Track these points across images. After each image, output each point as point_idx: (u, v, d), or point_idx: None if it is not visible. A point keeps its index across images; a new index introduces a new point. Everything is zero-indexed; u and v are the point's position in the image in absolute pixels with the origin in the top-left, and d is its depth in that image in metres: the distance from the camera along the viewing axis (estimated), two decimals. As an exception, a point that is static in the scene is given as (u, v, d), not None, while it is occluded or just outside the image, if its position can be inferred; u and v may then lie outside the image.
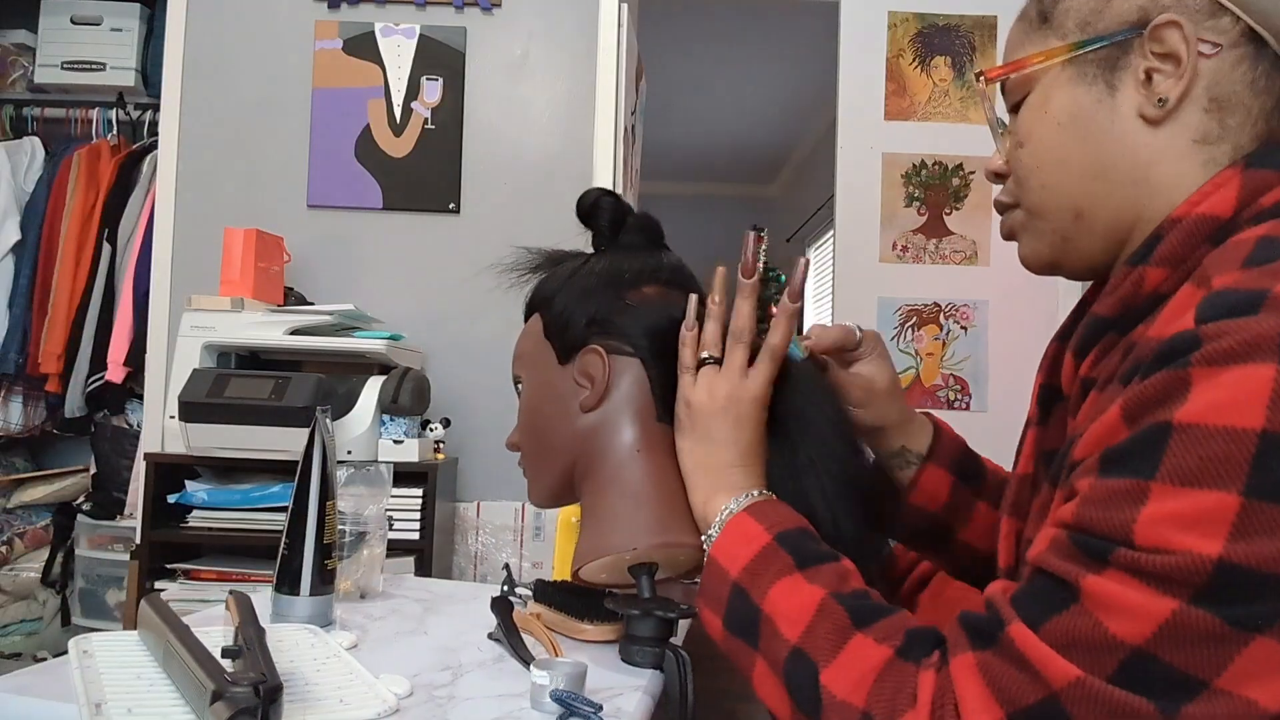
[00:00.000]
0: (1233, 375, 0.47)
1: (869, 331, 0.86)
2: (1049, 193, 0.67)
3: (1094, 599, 0.49)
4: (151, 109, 2.82)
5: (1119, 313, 0.61)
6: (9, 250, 2.76)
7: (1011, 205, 0.72)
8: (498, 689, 0.73)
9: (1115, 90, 0.63)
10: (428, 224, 2.50)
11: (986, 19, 2.69)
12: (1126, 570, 0.48)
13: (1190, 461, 0.47)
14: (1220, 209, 0.58)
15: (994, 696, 0.51)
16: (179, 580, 1.96)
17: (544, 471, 0.89)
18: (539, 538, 2.35)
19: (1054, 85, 0.66)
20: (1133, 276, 0.60)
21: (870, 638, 0.58)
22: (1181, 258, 0.58)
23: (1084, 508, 0.52)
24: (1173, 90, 0.60)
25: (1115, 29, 0.63)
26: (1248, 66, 0.60)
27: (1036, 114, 0.67)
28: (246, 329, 2.04)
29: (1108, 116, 0.63)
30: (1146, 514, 0.48)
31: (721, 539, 0.71)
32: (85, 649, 0.70)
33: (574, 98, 2.52)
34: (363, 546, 1.03)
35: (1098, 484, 0.52)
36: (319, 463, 0.86)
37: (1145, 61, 0.61)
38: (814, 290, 5.50)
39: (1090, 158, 0.64)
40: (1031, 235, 0.70)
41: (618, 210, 0.90)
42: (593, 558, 0.82)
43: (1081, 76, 0.64)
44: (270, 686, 0.55)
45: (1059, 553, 0.52)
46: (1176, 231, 0.59)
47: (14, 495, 2.77)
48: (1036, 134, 0.67)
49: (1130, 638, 0.47)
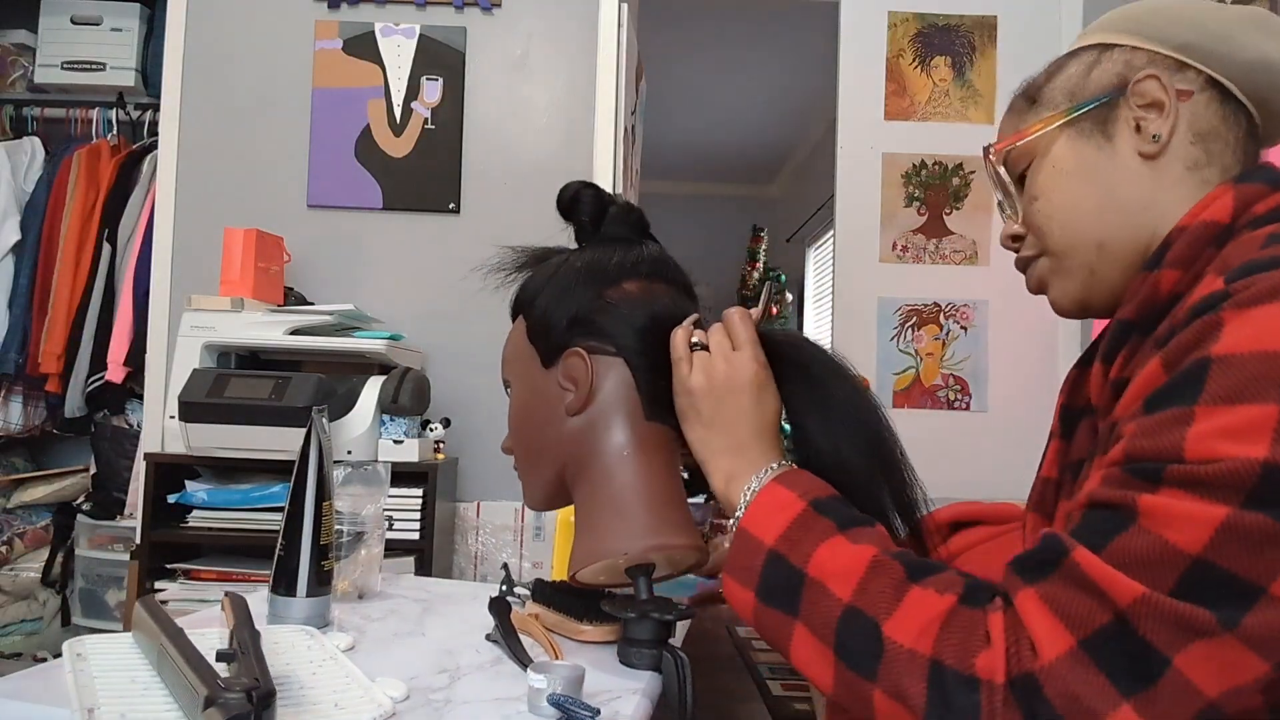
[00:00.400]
0: (1263, 311, 0.54)
1: None
2: (1070, 231, 0.75)
3: (1151, 515, 0.52)
4: (151, 109, 2.82)
5: (1140, 314, 0.67)
6: (9, 250, 2.75)
7: (1035, 257, 0.79)
8: (495, 692, 0.73)
9: (1112, 138, 0.73)
10: (428, 224, 2.50)
11: (986, 19, 2.69)
12: (1180, 483, 0.52)
13: (1230, 383, 0.52)
14: (1220, 215, 0.66)
15: (1063, 623, 0.52)
16: (179, 580, 1.95)
17: (536, 475, 0.89)
18: (539, 538, 2.34)
19: (1056, 146, 0.75)
20: (1149, 280, 0.67)
21: (930, 589, 0.59)
22: (1191, 259, 0.66)
23: (1132, 441, 0.56)
24: (1164, 128, 0.71)
25: (1101, 93, 0.74)
26: (1217, 105, 0.72)
27: (1045, 171, 0.76)
28: (246, 329, 2.04)
29: (1109, 159, 0.73)
30: (1194, 432, 0.52)
31: (752, 510, 0.71)
32: (79, 652, 0.70)
33: (574, 98, 2.51)
34: (360, 546, 1.03)
35: (1144, 421, 0.56)
36: (315, 463, 0.86)
37: (1133, 113, 0.72)
38: (814, 290, 5.50)
39: (1101, 194, 0.73)
40: (1060, 276, 0.77)
41: (598, 202, 0.90)
42: (587, 563, 0.82)
43: (1080, 133, 0.74)
44: (263, 692, 0.55)
45: (1111, 483, 0.55)
46: (1184, 237, 0.67)
47: (14, 495, 2.77)
48: (1048, 186, 0.76)
49: (1188, 546, 0.50)
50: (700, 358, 0.79)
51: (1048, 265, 0.78)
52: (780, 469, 0.74)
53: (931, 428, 2.65)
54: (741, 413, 0.77)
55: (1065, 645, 0.52)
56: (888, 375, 2.67)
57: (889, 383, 2.67)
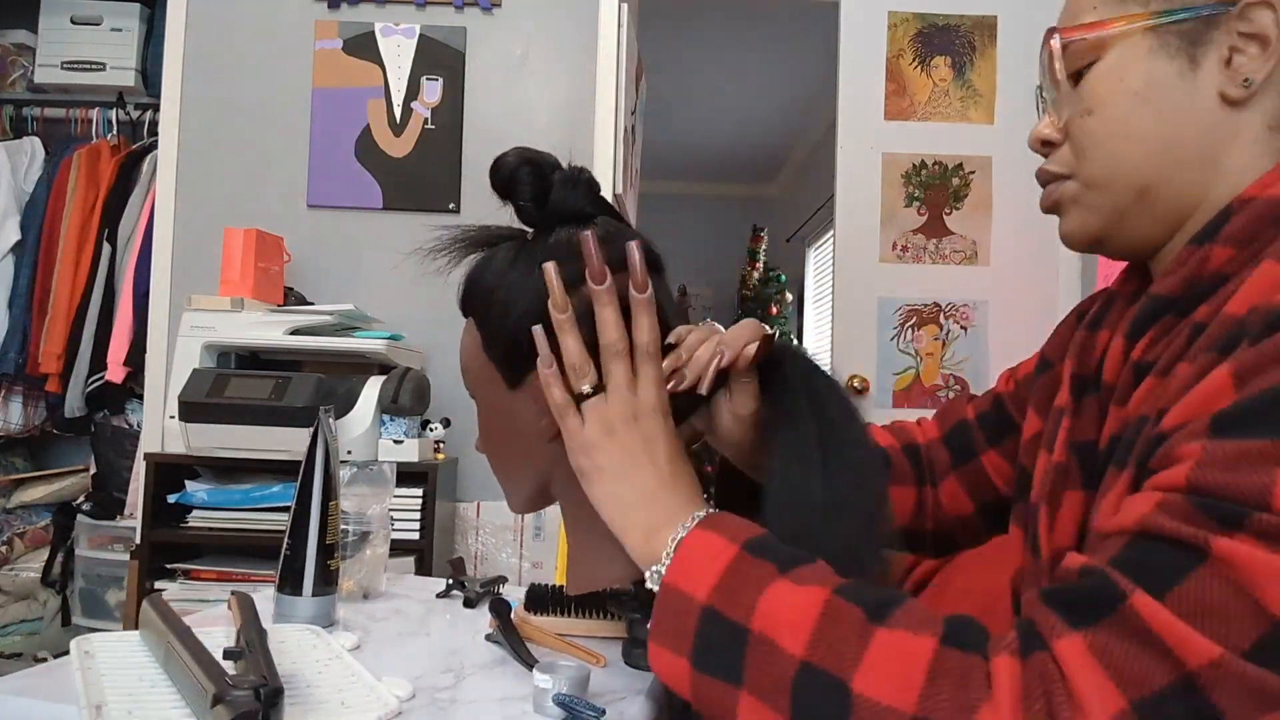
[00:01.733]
0: None
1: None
2: (1115, 164, 0.64)
3: (1228, 561, 0.44)
4: (151, 109, 2.82)
5: (1181, 292, 0.59)
6: (9, 250, 2.75)
7: (1063, 176, 0.68)
8: (500, 692, 0.73)
9: (1198, 66, 0.61)
10: (428, 224, 2.49)
11: (986, 19, 2.69)
12: (1265, 535, 0.44)
13: None
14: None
15: (1114, 681, 0.44)
16: (179, 580, 1.96)
17: (515, 486, 0.84)
18: (539, 538, 2.34)
19: (1133, 53, 0.63)
20: (1198, 255, 0.59)
21: (900, 630, 0.50)
22: (1250, 237, 0.57)
23: (1201, 471, 0.47)
24: (1259, 72, 0.59)
25: (1203, 2, 0.60)
26: None
27: (1110, 82, 0.63)
28: (246, 329, 2.04)
29: (1187, 93, 0.61)
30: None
31: (677, 562, 0.59)
32: (87, 649, 0.70)
33: (574, 98, 2.52)
34: (366, 546, 1.03)
35: (1214, 446, 0.47)
36: (322, 463, 0.86)
37: (1230, 39, 0.60)
38: (814, 290, 5.51)
39: (1165, 133, 0.62)
40: (1083, 208, 0.67)
41: (540, 180, 0.77)
42: (585, 589, 0.79)
43: (1164, 47, 0.62)
44: (271, 689, 0.55)
45: (1175, 515, 0.47)
46: (1248, 211, 0.58)
47: (14, 495, 2.77)
48: (1110, 103, 0.63)
49: (1272, 605, 0.43)
50: (592, 407, 0.66)
51: (1074, 190, 0.67)
52: (706, 515, 0.62)
53: (931, 428, 2.65)
54: (651, 462, 0.64)
55: (1115, 707, 0.43)
56: (888, 375, 2.67)
57: (889, 383, 2.67)
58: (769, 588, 0.54)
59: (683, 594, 0.57)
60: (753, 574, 0.56)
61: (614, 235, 0.77)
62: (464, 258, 0.81)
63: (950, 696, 0.46)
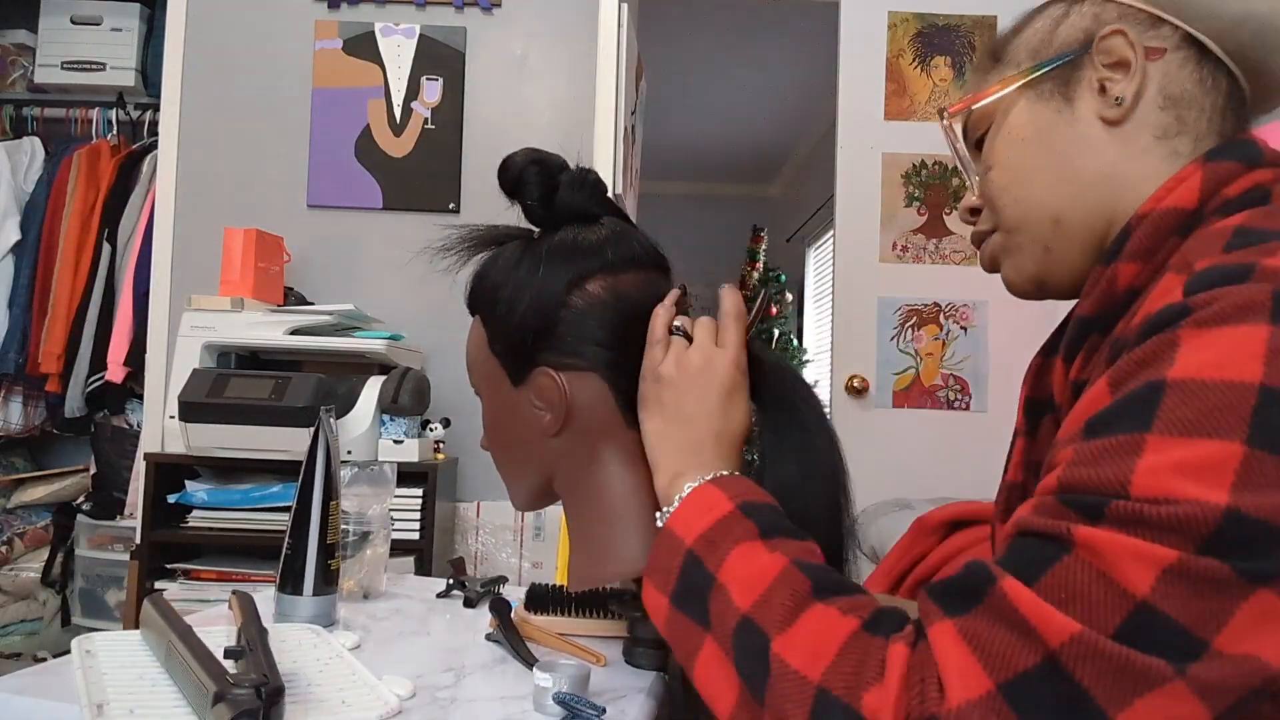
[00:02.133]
0: (1226, 334, 0.47)
1: None
2: (1023, 204, 0.69)
3: (1091, 549, 0.45)
4: (151, 109, 2.82)
5: (1097, 311, 0.62)
6: (9, 250, 2.75)
7: (989, 231, 0.73)
8: (500, 691, 0.73)
9: (1073, 101, 0.67)
10: (428, 224, 2.50)
11: (986, 19, 2.69)
12: (1124, 522, 0.45)
13: (1188, 413, 0.46)
14: (1185, 201, 0.60)
15: (981, 664, 0.45)
16: (179, 580, 1.96)
17: (519, 482, 0.85)
18: (539, 538, 2.34)
19: (1013, 109, 0.69)
20: (1106, 274, 0.62)
21: (834, 608, 0.52)
22: (1152, 251, 0.60)
23: (1069, 470, 0.49)
24: (1128, 89, 0.64)
25: (1065, 50, 0.67)
26: (1194, 66, 0.64)
27: (1000, 138, 0.70)
28: (246, 329, 2.04)
29: (1069, 124, 0.67)
30: (1145, 465, 0.46)
31: (680, 508, 0.65)
32: (88, 649, 0.70)
33: (574, 98, 2.52)
34: (366, 546, 1.03)
35: (1083, 447, 0.49)
36: (322, 463, 0.86)
37: (1097, 73, 0.65)
38: (814, 290, 5.51)
39: (1058, 163, 0.67)
40: (1013, 253, 0.71)
41: (547, 180, 0.80)
42: (587, 586, 0.80)
43: (1039, 96, 0.68)
44: (272, 688, 0.55)
45: (1043, 512, 0.49)
46: (1145, 226, 0.61)
47: (14, 495, 2.77)
48: (1003, 154, 0.70)
49: (1134, 586, 0.44)
50: (677, 345, 0.72)
51: (999, 240, 0.72)
52: (726, 475, 0.67)
53: (931, 428, 2.66)
54: (706, 413, 0.69)
55: (981, 689, 0.44)
56: (888, 375, 2.68)
57: (889, 383, 2.67)
58: (743, 544, 0.59)
59: (676, 537, 0.63)
60: (735, 530, 0.60)
61: (621, 235, 0.79)
62: (471, 257, 0.83)
63: (849, 673, 0.48)
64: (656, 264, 0.81)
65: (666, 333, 0.73)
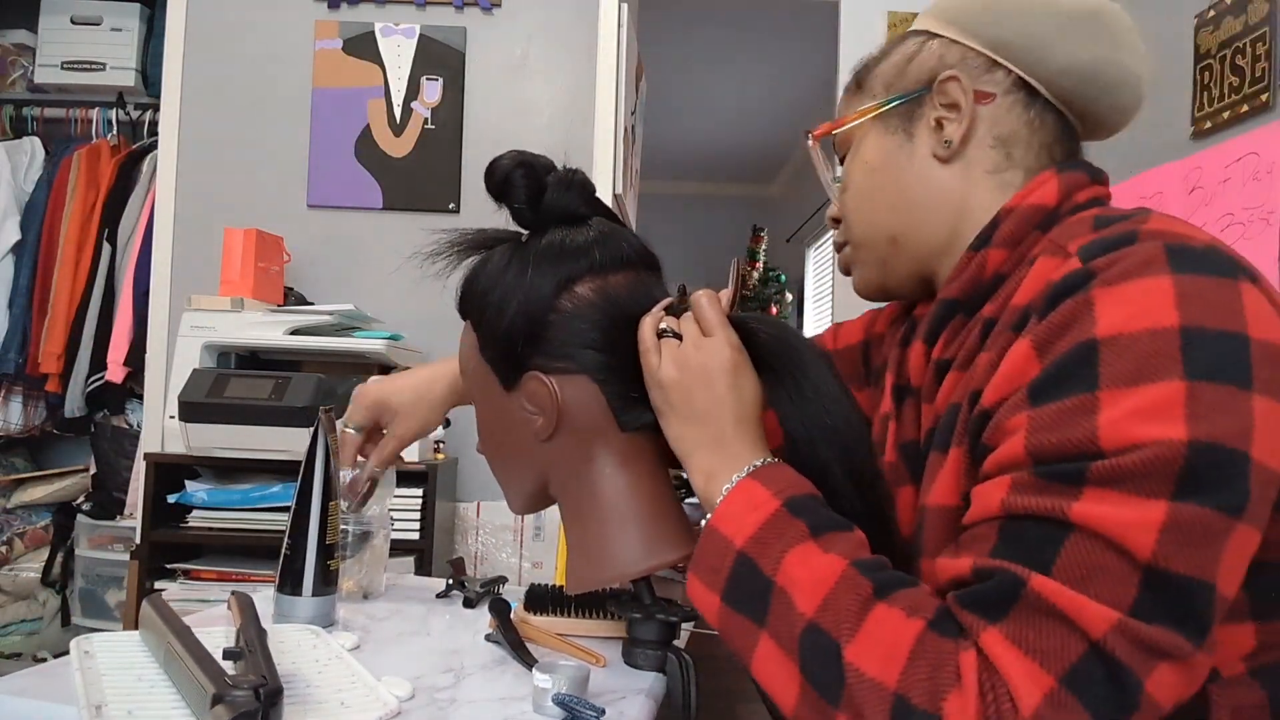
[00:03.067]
0: (1135, 287, 0.53)
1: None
2: (867, 224, 0.77)
3: (1089, 524, 0.50)
4: (151, 109, 2.82)
5: (966, 293, 0.68)
6: (9, 250, 2.75)
7: (844, 244, 0.81)
8: (499, 691, 0.73)
9: (913, 137, 0.74)
10: (428, 224, 2.49)
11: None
12: (1107, 481, 0.50)
13: (1127, 364, 0.51)
14: (1046, 199, 0.67)
15: (1039, 663, 0.49)
16: (179, 580, 1.96)
17: (514, 486, 0.85)
18: (539, 538, 2.34)
19: (866, 137, 0.77)
20: (976, 259, 0.68)
21: (898, 608, 0.55)
22: (1018, 239, 0.67)
23: (1034, 438, 0.53)
24: (956, 133, 0.71)
25: (911, 88, 0.74)
26: (1022, 109, 0.71)
27: (854, 162, 0.78)
28: (246, 329, 2.04)
29: (907, 158, 0.74)
30: (1105, 419, 0.50)
31: (724, 507, 0.66)
32: (87, 649, 0.70)
33: (574, 98, 2.52)
34: (366, 547, 1.03)
35: (1037, 413, 0.53)
36: (322, 463, 0.86)
37: (935, 112, 0.72)
38: (814, 290, 5.51)
39: (896, 192, 0.74)
40: (860, 265, 0.80)
41: (534, 183, 0.79)
42: (585, 589, 0.80)
43: (887, 128, 0.75)
44: (271, 689, 0.55)
45: (1028, 491, 0.52)
46: (1012, 217, 0.67)
47: (14, 495, 2.77)
48: (854, 178, 0.78)
49: (1139, 552, 0.49)
50: (669, 346, 0.73)
51: (849, 253, 0.80)
52: (761, 464, 0.68)
53: (931, 428, 2.65)
54: (717, 402, 0.70)
55: (1045, 687, 0.48)
56: (887, 375, 2.67)
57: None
58: (797, 547, 0.61)
59: (723, 537, 0.65)
60: (786, 531, 0.62)
61: (609, 236, 0.78)
62: (462, 261, 0.82)
63: (926, 678, 0.51)
64: (646, 264, 0.81)
65: (656, 338, 0.74)
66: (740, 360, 0.72)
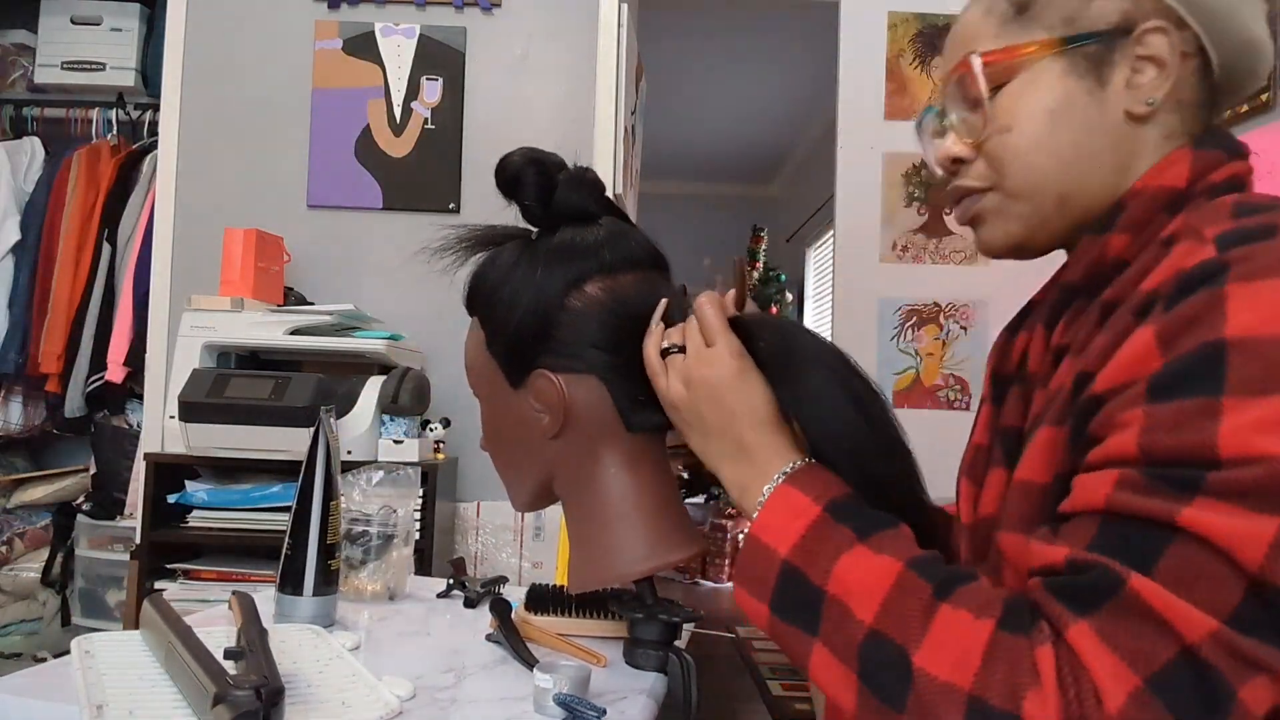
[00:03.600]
0: (1270, 287, 0.50)
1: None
2: (1037, 176, 0.68)
3: (1198, 532, 0.48)
4: (151, 109, 2.82)
5: (1086, 278, 0.65)
6: (9, 250, 2.75)
7: (982, 190, 0.71)
8: (500, 691, 0.73)
9: (1105, 85, 0.66)
10: (428, 224, 2.49)
11: (987, 19, 2.69)
12: (1222, 493, 0.48)
13: (1255, 371, 0.48)
14: (1176, 181, 0.63)
15: (1126, 662, 0.47)
16: (179, 580, 1.95)
17: (518, 484, 0.85)
18: (539, 538, 2.34)
19: (1044, 74, 0.67)
20: (1099, 244, 0.64)
21: (964, 609, 0.53)
22: (1143, 224, 0.63)
23: (1149, 436, 0.50)
24: (1159, 90, 0.64)
25: (1102, 28, 0.65)
26: (1199, 76, 0.66)
27: (1024, 101, 0.67)
28: (246, 329, 2.04)
29: (1098, 109, 0.66)
30: (1226, 428, 0.48)
31: (764, 515, 0.65)
32: (88, 649, 0.70)
33: (574, 98, 2.51)
34: (391, 549, 1.03)
35: (1155, 410, 0.51)
36: (323, 463, 0.86)
37: (1131, 62, 0.65)
38: (814, 290, 5.51)
39: (1078, 146, 0.66)
40: (1005, 218, 0.70)
41: (545, 181, 0.80)
42: (587, 588, 0.80)
43: (1073, 68, 0.66)
44: (272, 689, 0.55)
45: (1137, 490, 0.50)
46: (1139, 201, 0.63)
47: (14, 495, 2.77)
48: (1028, 119, 0.67)
49: (1245, 563, 0.47)
50: (675, 364, 0.72)
51: (995, 202, 0.70)
52: (793, 469, 0.67)
53: (931, 428, 2.64)
54: (730, 413, 0.69)
55: (1130, 686, 0.47)
56: (888, 375, 2.67)
57: (889, 383, 2.67)
58: (846, 554, 0.59)
59: (766, 547, 0.63)
60: (833, 538, 0.60)
61: (620, 235, 0.78)
62: (469, 257, 0.82)
63: (1003, 679, 0.50)
64: (655, 264, 0.81)
65: (661, 359, 0.73)
66: (743, 367, 0.70)
